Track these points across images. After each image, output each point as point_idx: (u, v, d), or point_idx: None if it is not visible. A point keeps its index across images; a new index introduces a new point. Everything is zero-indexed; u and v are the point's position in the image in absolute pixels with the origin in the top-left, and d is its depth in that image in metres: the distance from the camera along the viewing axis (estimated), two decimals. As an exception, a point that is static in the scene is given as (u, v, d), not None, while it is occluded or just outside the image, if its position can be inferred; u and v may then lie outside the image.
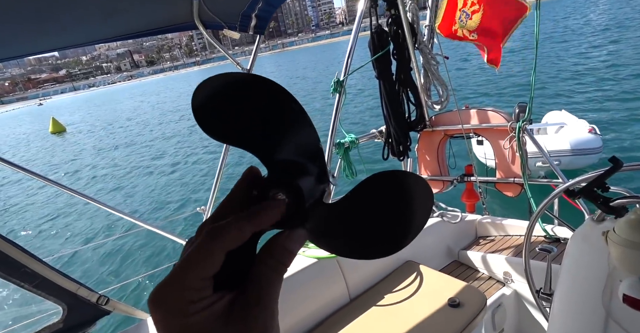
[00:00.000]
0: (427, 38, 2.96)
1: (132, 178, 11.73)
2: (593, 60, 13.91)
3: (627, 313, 0.98)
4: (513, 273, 2.13)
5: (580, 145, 5.67)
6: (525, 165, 2.51)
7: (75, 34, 1.81)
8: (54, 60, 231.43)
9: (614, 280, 1.02)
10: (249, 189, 0.28)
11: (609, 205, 1.10)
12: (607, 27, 20.46)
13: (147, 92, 56.82)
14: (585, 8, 28.75)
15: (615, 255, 0.97)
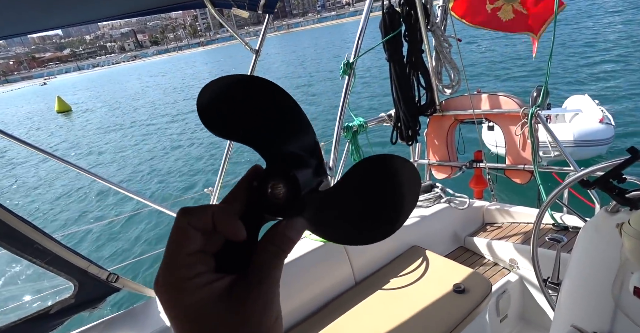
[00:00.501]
0: (440, 19, 2.87)
1: (141, 158, 11.84)
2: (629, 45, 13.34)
3: (637, 305, 0.97)
4: (519, 260, 2.13)
5: (587, 136, 5.45)
6: (536, 152, 2.47)
7: (82, 11, 1.77)
8: (57, 39, 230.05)
9: (625, 272, 1.01)
10: (250, 181, 0.30)
11: (624, 196, 1.08)
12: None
13: (152, 73, 56.52)
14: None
15: (629, 248, 0.95)
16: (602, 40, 15.23)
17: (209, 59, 61.62)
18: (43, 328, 1.25)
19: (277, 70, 28.82)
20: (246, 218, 0.29)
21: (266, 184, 0.29)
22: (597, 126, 5.60)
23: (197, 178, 9.05)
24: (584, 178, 1.24)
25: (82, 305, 1.33)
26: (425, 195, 2.49)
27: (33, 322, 1.20)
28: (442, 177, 2.97)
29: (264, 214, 0.30)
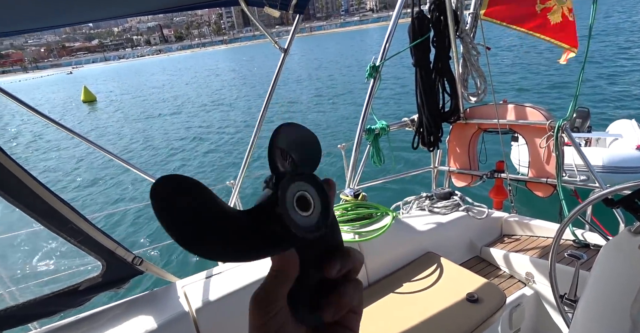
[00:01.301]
0: (470, 26, 2.85)
1: (166, 148, 12.17)
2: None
3: None
4: (536, 274, 2.10)
5: (620, 162, 5.07)
6: (560, 166, 2.43)
7: (125, 5, 1.85)
8: (87, 29, 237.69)
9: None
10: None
11: None
12: None
13: (177, 67, 57.56)
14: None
15: None
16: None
17: (233, 57, 62.48)
18: (71, 303, 1.32)
19: (299, 71, 28.99)
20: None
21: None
22: (632, 153, 5.22)
23: (220, 171, 9.26)
24: (609, 196, 1.23)
25: (108, 284, 1.39)
26: (444, 202, 2.48)
27: (63, 297, 1.28)
28: (461, 185, 2.95)
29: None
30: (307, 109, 15.31)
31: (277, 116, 14.18)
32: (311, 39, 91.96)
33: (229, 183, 2.26)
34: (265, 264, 1.78)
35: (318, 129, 11.78)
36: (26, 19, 1.52)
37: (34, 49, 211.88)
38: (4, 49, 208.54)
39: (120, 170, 9.82)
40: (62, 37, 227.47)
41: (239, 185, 2.18)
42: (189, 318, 1.50)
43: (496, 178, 2.76)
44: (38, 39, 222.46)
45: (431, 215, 2.41)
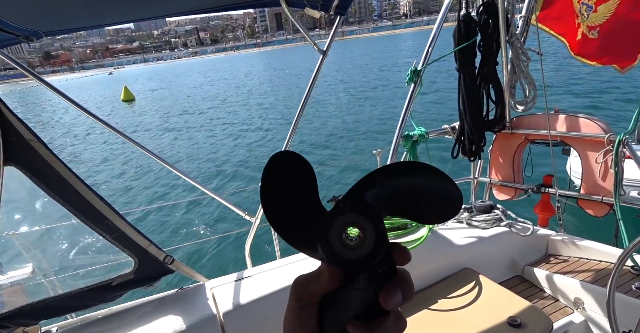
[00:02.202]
0: (521, 31, 2.69)
1: (206, 149, 12.47)
2: None
3: None
4: (587, 300, 1.91)
5: None
6: (619, 184, 2.21)
7: (167, 4, 1.88)
8: (129, 32, 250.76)
9: None
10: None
11: None
12: None
13: (213, 68, 59.25)
14: None
15: None
16: None
17: (266, 60, 63.39)
18: (104, 298, 1.34)
19: (334, 74, 28.98)
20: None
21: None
22: None
23: (254, 172, 9.38)
24: None
25: (140, 281, 1.40)
26: (484, 216, 2.33)
27: (97, 291, 1.29)
28: (503, 198, 2.77)
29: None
30: (343, 112, 15.24)
31: (315, 117, 14.22)
32: (344, 42, 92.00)
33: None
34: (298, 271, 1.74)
35: (354, 133, 11.62)
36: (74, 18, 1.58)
37: (81, 50, 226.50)
38: (54, 50, 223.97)
39: (157, 168, 10.11)
40: (106, 40, 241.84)
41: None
42: (216, 321, 1.48)
43: (543, 194, 2.57)
44: (85, 41, 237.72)
45: (470, 228, 2.27)
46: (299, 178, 0.30)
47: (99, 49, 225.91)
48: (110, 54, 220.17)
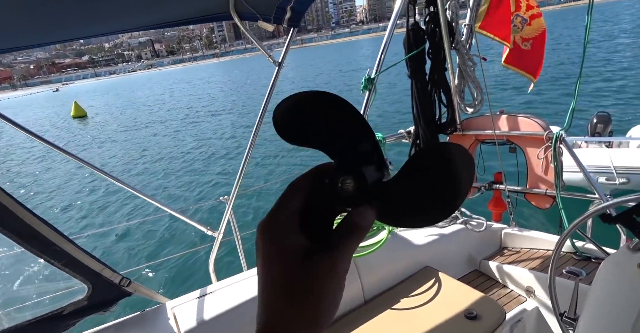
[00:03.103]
0: (466, 38, 2.86)
1: (158, 164, 11.97)
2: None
3: None
4: (537, 288, 2.05)
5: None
6: (559, 177, 2.39)
7: (118, 21, 1.85)
8: (77, 45, 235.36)
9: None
10: (320, 179, 0.34)
11: None
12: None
13: (169, 81, 57.48)
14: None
15: None
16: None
17: (225, 70, 62.10)
18: (56, 328, 1.28)
19: (292, 82, 28.75)
20: (320, 210, 0.34)
21: (336, 179, 0.33)
22: None
23: (213, 185, 9.07)
24: (606, 211, 1.19)
25: (94, 307, 1.36)
26: (441, 215, 2.44)
27: (47, 322, 1.24)
28: (459, 196, 2.91)
29: (336, 206, 0.34)
30: None
31: (272, 130, 14.14)
32: (303, 50, 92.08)
33: (223, 199, 2.23)
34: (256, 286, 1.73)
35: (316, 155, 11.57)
36: (16, 36, 1.52)
37: (23, 66, 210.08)
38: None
39: (109, 187, 9.52)
40: (52, 54, 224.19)
41: (232, 201, 2.15)
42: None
43: (494, 190, 2.72)
44: (27, 56, 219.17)
45: (429, 228, 2.37)
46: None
47: (45, 64, 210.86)
48: (58, 69, 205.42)
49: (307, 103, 0.36)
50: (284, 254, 0.32)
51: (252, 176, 8.88)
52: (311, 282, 0.31)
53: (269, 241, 0.32)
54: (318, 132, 0.36)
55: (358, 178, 0.33)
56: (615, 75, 13.47)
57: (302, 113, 0.36)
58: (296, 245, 0.32)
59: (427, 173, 0.34)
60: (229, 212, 2.13)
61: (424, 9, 2.65)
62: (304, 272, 0.31)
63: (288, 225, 0.33)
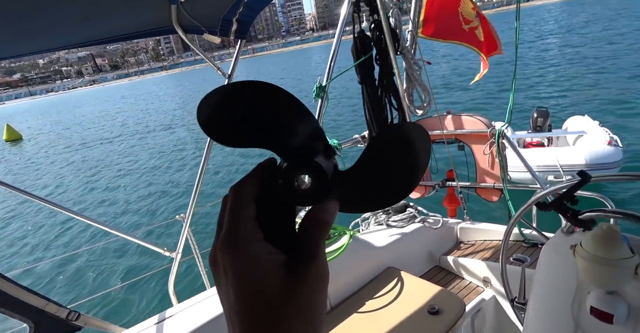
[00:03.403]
0: (410, 43, 2.99)
1: (105, 185, 11.16)
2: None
3: (595, 325, 0.99)
4: (492, 278, 2.16)
5: (598, 159, 5.21)
6: (504, 171, 2.55)
7: (48, 38, 1.75)
8: (6, 63, 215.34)
9: (582, 293, 1.04)
10: (273, 180, 0.31)
11: (577, 218, 1.12)
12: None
13: (116, 96, 54.48)
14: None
15: (581, 269, 0.98)
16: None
17: (174, 83, 59.49)
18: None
19: None
20: (279, 210, 0.31)
21: (292, 178, 0.31)
22: (607, 148, 5.36)
23: (168, 204, 8.55)
24: (541, 200, 1.29)
25: (39, 347, 1.26)
26: (400, 215, 2.52)
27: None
28: (416, 196, 3.02)
29: (293, 205, 0.32)
30: None
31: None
32: (255, 59, 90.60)
33: (179, 217, 2.16)
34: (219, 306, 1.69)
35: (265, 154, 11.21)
36: None
37: None
38: None
39: (51, 214, 8.70)
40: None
41: (189, 218, 2.09)
42: None
43: (448, 187, 2.85)
44: None
45: (388, 229, 2.44)
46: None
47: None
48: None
49: (236, 96, 0.31)
50: (263, 272, 0.28)
51: (210, 189, 8.57)
52: (303, 299, 0.28)
53: (239, 261, 0.28)
54: (255, 128, 0.32)
55: (315, 173, 0.30)
56: (548, 72, 14.72)
57: (231, 109, 0.32)
58: (273, 259, 0.29)
59: (386, 153, 0.33)
60: (187, 230, 2.06)
61: (369, 17, 2.74)
62: (292, 288, 0.28)
63: (252, 236, 0.29)
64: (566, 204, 1.19)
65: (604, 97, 10.27)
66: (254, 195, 0.31)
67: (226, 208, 0.30)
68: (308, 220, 0.31)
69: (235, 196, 0.30)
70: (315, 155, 0.31)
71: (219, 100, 0.31)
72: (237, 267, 0.28)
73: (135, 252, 6.01)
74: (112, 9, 1.51)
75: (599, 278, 0.97)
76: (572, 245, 1.05)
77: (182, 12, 1.97)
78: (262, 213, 0.30)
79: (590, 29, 24.93)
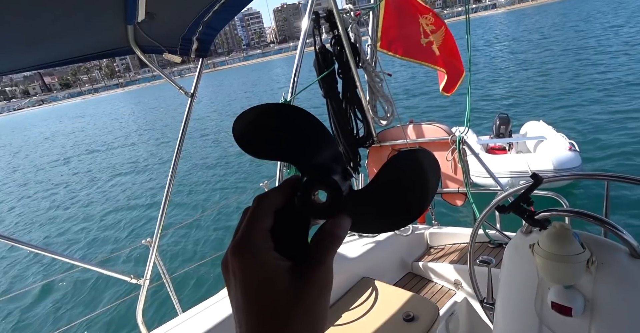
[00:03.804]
0: (370, 56, 3.09)
1: (61, 212, 10.40)
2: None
3: (557, 319, 1.05)
4: (462, 280, 2.23)
5: (561, 164, 5.55)
6: (467, 175, 2.66)
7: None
8: None
9: (543, 289, 1.10)
10: (292, 191, 0.34)
11: (534, 218, 1.19)
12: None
13: (68, 117, 51.38)
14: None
15: (540, 267, 1.04)
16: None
17: (134, 100, 57.18)
18: None
19: (206, 108, 27.38)
20: (294, 222, 0.33)
21: (310, 192, 0.33)
22: (568, 154, 5.69)
23: (134, 229, 8.09)
24: (500, 203, 1.36)
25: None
26: (371, 225, 2.56)
27: None
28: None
29: (310, 218, 0.34)
30: (222, 146, 14.35)
31: (193, 164, 12.56)
32: (216, 74, 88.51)
33: (146, 241, 2.08)
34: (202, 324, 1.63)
35: (237, 171, 10.68)
36: None
37: None
38: None
39: (2, 249, 7.99)
40: None
41: (156, 242, 2.02)
42: None
43: (416, 194, 2.92)
44: None
45: (360, 239, 2.47)
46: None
47: None
48: None
49: (271, 115, 0.35)
50: (271, 276, 0.30)
51: (178, 211, 8.24)
52: (307, 303, 0.30)
53: (249, 265, 0.30)
54: (284, 144, 0.36)
55: (331, 189, 0.33)
56: (500, 77, 15.71)
57: (266, 125, 0.35)
58: (280, 265, 0.30)
59: (398, 179, 0.35)
60: (154, 255, 1.99)
61: (329, 32, 2.81)
62: (298, 291, 0.30)
63: (262, 244, 0.31)
64: (523, 206, 1.26)
65: (553, 99, 11.13)
66: (274, 207, 0.33)
67: (245, 217, 0.33)
68: (320, 233, 0.32)
69: (256, 207, 0.33)
70: (333, 175, 0.34)
71: (257, 115, 0.36)
72: (246, 269, 0.30)
73: (99, 283, 5.67)
74: (62, 32, 1.47)
75: (556, 274, 1.03)
76: (530, 245, 1.11)
77: (139, 32, 1.93)
78: (280, 225, 0.33)
79: (533, 36, 27.22)
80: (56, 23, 1.34)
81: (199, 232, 6.70)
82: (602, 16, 29.87)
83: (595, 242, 1.00)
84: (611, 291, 0.96)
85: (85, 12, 1.34)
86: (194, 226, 6.88)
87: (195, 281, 5.01)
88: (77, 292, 5.75)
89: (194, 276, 4.99)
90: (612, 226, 1.00)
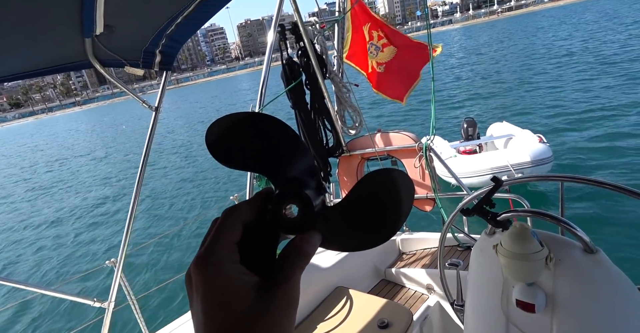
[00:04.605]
0: (337, 68, 3.15)
1: (16, 236, 9.69)
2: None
3: (522, 315, 1.09)
4: (434, 284, 2.27)
5: (537, 156, 5.82)
6: (435, 181, 2.74)
7: None
8: None
9: (508, 287, 1.14)
10: (264, 204, 0.33)
11: (496, 220, 1.24)
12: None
13: (21, 137, 48.44)
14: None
15: (503, 266, 1.09)
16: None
17: (93, 118, 54.75)
18: None
19: (171, 124, 26.82)
20: (263, 236, 0.32)
21: (281, 205, 0.32)
22: (540, 146, 5.97)
23: (96, 251, 7.63)
24: (464, 207, 1.41)
25: None
26: (344, 233, 2.57)
27: None
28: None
29: (280, 232, 0.33)
30: (189, 160, 14.06)
31: (159, 180, 12.12)
32: (180, 90, 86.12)
33: (109, 262, 1.97)
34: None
35: (206, 185, 10.48)
36: None
37: None
38: None
39: None
40: None
41: (121, 263, 1.92)
42: None
43: (386, 201, 2.97)
44: None
45: (334, 248, 2.47)
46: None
47: None
48: None
49: (247, 123, 0.34)
50: (234, 292, 0.28)
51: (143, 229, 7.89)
52: (270, 321, 0.28)
53: (212, 278, 0.29)
54: (258, 154, 0.35)
55: (303, 203, 0.32)
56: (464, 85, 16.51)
57: (240, 134, 0.34)
58: (245, 280, 0.29)
59: (371, 198, 0.34)
60: (119, 276, 1.89)
61: (295, 44, 2.85)
62: (261, 310, 0.28)
63: (228, 257, 0.30)
64: (485, 208, 1.32)
65: (509, 102, 11.93)
66: (243, 220, 0.32)
67: (212, 228, 0.32)
68: (289, 248, 0.32)
69: (224, 219, 0.32)
70: (307, 189, 0.33)
71: (231, 124, 0.34)
72: (208, 284, 0.29)
73: (61, 308, 5.30)
74: (12, 45, 1.40)
75: (518, 272, 1.08)
76: (494, 245, 1.16)
77: (97, 45, 1.87)
78: (248, 238, 0.32)
79: (488, 48, 29.54)
80: (5, 36, 1.28)
81: (166, 250, 6.44)
82: (545, 32, 32.77)
83: (552, 240, 1.05)
84: (569, 286, 1.01)
85: (37, 25, 1.28)
86: (161, 244, 6.61)
87: (162, 301, 4.82)
88: (37, 319, 5.35)
89: (161, 296, 4.79)
90: (567, 224, 1.06)
